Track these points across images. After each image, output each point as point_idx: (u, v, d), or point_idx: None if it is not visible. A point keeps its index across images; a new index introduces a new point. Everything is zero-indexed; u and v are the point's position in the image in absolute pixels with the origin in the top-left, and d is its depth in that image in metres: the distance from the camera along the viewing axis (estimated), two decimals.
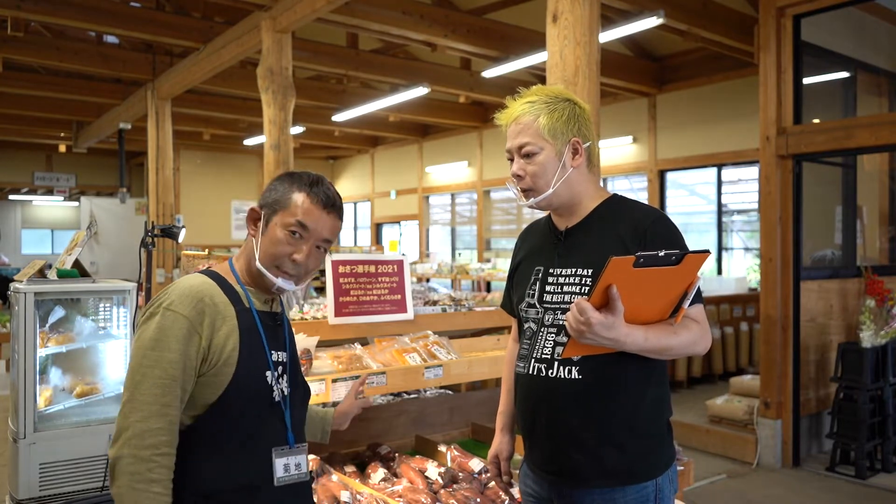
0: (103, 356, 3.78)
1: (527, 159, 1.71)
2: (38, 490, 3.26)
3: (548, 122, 1.69)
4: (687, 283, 1.48)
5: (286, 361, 1.59)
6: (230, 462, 1.47)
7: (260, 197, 1.57)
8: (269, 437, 1.52)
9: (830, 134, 5.11)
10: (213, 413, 1.45)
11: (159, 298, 1.47)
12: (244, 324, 1.50)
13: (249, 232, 1.57)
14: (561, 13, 3.38)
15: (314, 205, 1.51)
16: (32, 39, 8.18)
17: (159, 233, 3.88)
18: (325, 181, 1.56)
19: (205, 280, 1.51)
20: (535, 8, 6.72)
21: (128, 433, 1.36)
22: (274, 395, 1.53)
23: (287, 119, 5.96)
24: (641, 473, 1.66)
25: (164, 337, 1.41)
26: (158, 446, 1.37)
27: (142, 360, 1.41)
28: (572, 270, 1.70)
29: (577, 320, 1.42)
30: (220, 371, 1.45)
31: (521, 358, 1.79)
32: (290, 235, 1.50)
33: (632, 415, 1.66)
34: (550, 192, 1.70)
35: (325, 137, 13.73)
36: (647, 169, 9.42)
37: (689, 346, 1.59)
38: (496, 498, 2.51)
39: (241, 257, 1.59)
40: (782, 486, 4.90)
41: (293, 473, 1.55)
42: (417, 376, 2.67)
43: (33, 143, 14.67)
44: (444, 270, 10.92)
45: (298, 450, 1.57)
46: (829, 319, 5.60)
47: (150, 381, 1.38)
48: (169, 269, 8.97)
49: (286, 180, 1.55)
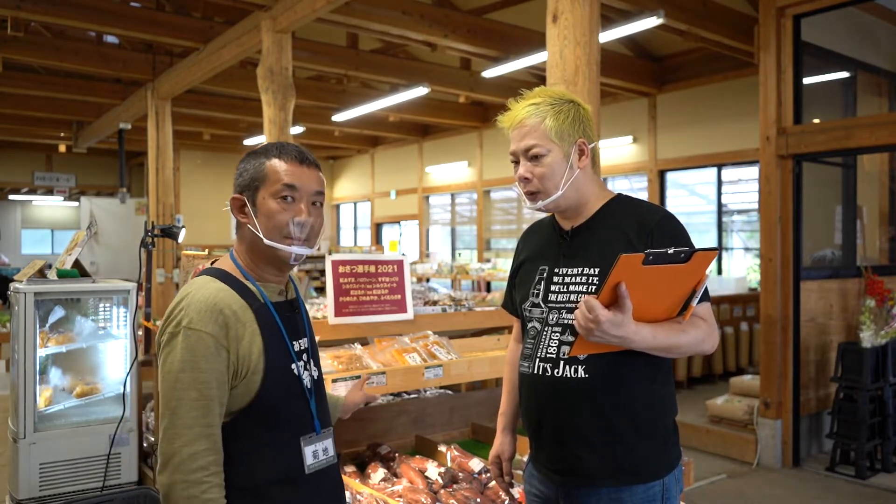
0: (103, 356, 3.78)
1: (534, 161, 1.69)
2: (38, 490, 3.26)
3: (554, 124, 1.68)
4: (695, 281, 1.48)
5: (308, 347, 1.60)
6: (266, 456, 1.47)
7: (234, 185, 1.55)
8: (297, 426, 1.53)
9: (830, 134, 5.11)
10: (247, 414, 1.46)
11: (176, 316, 1.43)
12: (263, 322, 1.48)
13: (240, 220, 1.53)
14: (561, 13, 3.38)
15: (291, 164, 1.50)
16: (32, 39, 8.18)
17: (159, 233, 3.88)
18: (290, 143, 1.55)
19: (218, 287, 1.47)
20: (535, 8, 6.72)
21: (175, 459, 1.36)
22: (305, 384, 1.54)
23: (287, 119, 5.95)
24: (649, 473, 1.66)
25: (193, 358, 1.39)
26: (208, 467, 1.37)
27: (175, 384, 1.39)
28: (579, 270, 1.69)
29: (586, 318, 1.42)
30: (250, 380, 1.45)
31: (525, 357, 1.78)
32: (282, 201, 1.49)
33: (639, 414, 1.66)
34: (559, 195, 1.69)
35: (325, 137, 13.73)
36: (647, 169, 9.42)
37: (698, 344, 1.59)
38: (496, 498, 2.51)
39: (241, 251, 1.56)
40: (782, 486, 4.90)
41: (321, 459, 1.56)
42: (417, 376, 2.67)
43: (33, 143, 14.66)
44: (444, 270, 10.92)
45: (325, 434, 1.58)
46: (829, 319, 5.60)
47: (187, 405, 1.38)
48: (169, 269, 8.96)
49: (251, 158, 1.53)
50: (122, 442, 3.40)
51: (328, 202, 17.33)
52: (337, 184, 17.29)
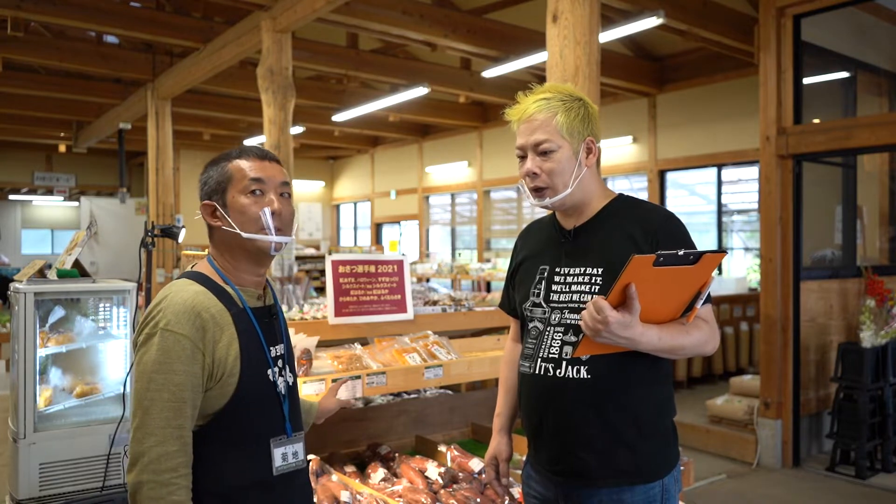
0: (103, 356, 3.78)
1: (543, 157, 1.67)
2: (38, 490, 3.25)
3: (565, 121, 1.67)
4: (701, 282, 1.47)
5: (284, 353, 1.61)
6: (238, 460, 1.48)
7: (200, 195, 1.57)
8: (270, 429, 1.54)
9: (830, 134, 5.11)
10: (220, 418, 1.46)
11: (154, 317, 1.44)
12: (241, 327, 1.49)
13: (213, 225, 1.55)
14: (561, 13, 3.38)
15: (254, 160, 1.54)
16: (32, 39, 8.18)
17: (159, 233, 3.87)
18: (248, 145, 1.59)
19: (197, 290, 1.48)
20: (535, 8, 6.71)
21: (144, 459, 1.36)
22: (279, 389, 1.55)
23: (287, 119, 5.96)
24: (649, 473, 1.66)
25: (168, 360, 1.39)
26: (177, 468, 1.37)
27: (148, 384, 1.39)
28: (581, 269, 1.69)
29: (595, 319, 1.41)
30: (225, 382, 1.45)
31: (525, 357, 1.77)
32: (252, 196, 1.52)
33: (640, 414, 1.66)
34: (568, 192, 1.68)
35: (325, 137, 13.73)
36: (647, 169, 9.42)
37: (701, 346, 1.59)
38: (496, 498, 2.51)
39: (218, 255, 1.57)
40: (782, 486, 4.90)
41: (291, 462, 1.57)
42: (417, 376, 2.67)
43: (33, 143, 14.66)
44: (444, 270, 10.91)
45: (296, 438, 1.59)
46: (829, 319, 5.60)
47: (159, 406, 1.38)
48: (169, 269, 8.97)
49: (213, 165, 1.56)
50: (122, 442, 3.40)
51: (328, 202, 17.33)
52: (337, 184, 17.28)
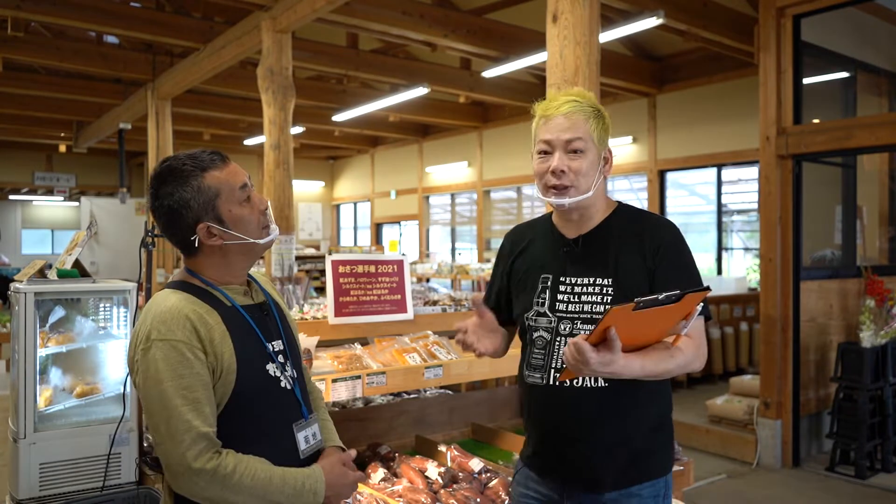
0: (103, 356, 3.78)
1: (572, 155, 1.68)
2: (38, 490, 3.25)
3: (596, 127, 1.70)
4: (685, 314, 1.49)
5: (284, 349, 1.60)
6: (265, 451, 1.48)
7: (179, 224, 1.49)
8: (286, 416, 1.56)
9: (830, 134, 5.11)
10: (225, 415, 1.46)
11: (144, 332, 1.43)
12: (232, 322, 1.49)
13: (216, 245, 1.51)
14: (561, 13, 3.38)
15: (225, 168, 1.52)
16: (32, 39, 8.18)
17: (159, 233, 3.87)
18: (191, 153, 1.52)
19: (179, 297, 1.47)
20: (535, 8, 6.71)
21: (186, 462, 1.37)
22: (282, 385, 1.55)
23: (287, 119, 5.95)
24: (659, 469, 1.72)
25: (170, 367, 1.39)
26: (212, 458, 1.39)
27: (160, 396, 1.39)
28: (590, 280, 1.70)
29: (576, 358, 1.42)
30: (226, 380, 1.46)
31: (534, 368, 1.75)
32: (247, 201, 1.53)
33: (653, 413, 1.71)
34: (589, 195, 1.69)
35: (325, 137, 13.73)
36: (647, 169, 9.42)
37: (685, 367, 1.61)
38: (496, 498, 2.51)
39: (207, 266, 1.54)
40: (782, 486, 4.90)
41: (312, 444, 1.60)
42: (417, 376, 2.67)
43: (33, 143, 14.66)
44: (444, 270, 10.92)
45: (313, 420, 1.63)
46: (829, 319, 5.60)
47: (178, 413, 1.38)
48: (169, 269, 8.97)
49: (179, 187, 1.47)
50: (122, 442, 3.40)
51: (328, 202, 17.35)
52: (337, 184, 17.29)
